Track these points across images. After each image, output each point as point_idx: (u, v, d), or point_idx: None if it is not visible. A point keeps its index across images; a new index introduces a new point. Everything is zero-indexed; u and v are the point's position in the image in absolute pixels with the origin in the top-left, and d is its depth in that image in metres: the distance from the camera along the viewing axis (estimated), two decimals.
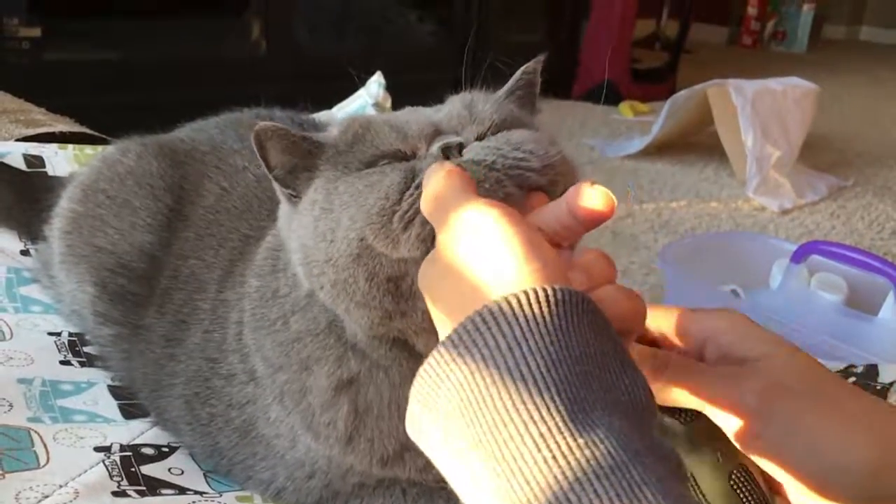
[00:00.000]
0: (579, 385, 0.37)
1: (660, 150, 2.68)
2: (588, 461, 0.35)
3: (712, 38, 5.58)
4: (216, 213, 0.79)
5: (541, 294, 0.39)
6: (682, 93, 2.46)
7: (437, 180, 0.48)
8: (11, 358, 0.83)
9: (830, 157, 2.87)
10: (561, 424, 0.36)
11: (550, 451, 0.35)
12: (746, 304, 1.43)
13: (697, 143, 2.80)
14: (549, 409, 0.36)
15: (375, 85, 1.43)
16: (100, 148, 1.19)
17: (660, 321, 0.54)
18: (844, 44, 6.27)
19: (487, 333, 0.39)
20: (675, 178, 2.53)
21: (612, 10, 3.40)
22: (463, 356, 0.39)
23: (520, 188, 0.52)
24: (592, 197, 0.46)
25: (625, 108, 3.28)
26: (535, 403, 0.36)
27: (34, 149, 1.16)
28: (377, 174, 0.54)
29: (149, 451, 0.74)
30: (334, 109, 1.38)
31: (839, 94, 3.91)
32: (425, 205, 0.48)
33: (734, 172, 2.50)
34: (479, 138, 0.56)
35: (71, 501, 0.65)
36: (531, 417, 0.36)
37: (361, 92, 1.44)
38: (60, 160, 1.15)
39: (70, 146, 1.20)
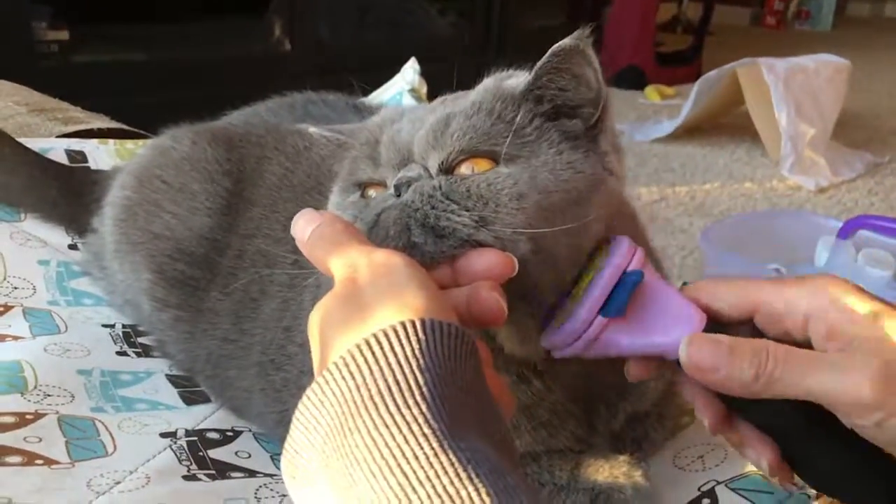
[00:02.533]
0: (449, 407, 0.38)
1: (689, 132, 2.66)
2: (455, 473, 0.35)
3: (735, 19, 5.53)
4: (280, 191, 0.79)
5: (418, 325, 0.40)
6: (712, 73, 2.43)
7: (321, 227, 0.48)
8: (68, 350, 0.82)
9: (864, 134, 2.82)
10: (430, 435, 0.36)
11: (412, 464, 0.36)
12: None
13: (727, 124, 2.77)
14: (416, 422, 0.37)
15: (411, 71, 1.42)
16: (140, 142, 1.19)
17: (752, 296, 0.52)
18: (869, 21, 6.18)
19: (363, 362, 0.39)
20: (706, 160, 2.50)
21: None
22: (342, 381, 0.39)
23: (440, 238, 0.49)
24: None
25: (651, 91, 3.26)
26: (402, 418, 0.37)
27: (76, 144, 1.16)
28: (343, 205, 0.56)
29: (214, 435, 0.73)
30: (371, 96, 1.37)
31: (868, 71, 3.86)
32: (307, 247, 0.48)
33: (767, 152, 2.47)
34: (442, 168, 0.53)
35: (143, 487, 0.64)
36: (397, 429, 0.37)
37: (397, 78, 1.43)
38: (102, 154, 1.15)
39: (111, 141, 1.19)
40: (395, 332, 0.40)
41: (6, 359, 0.77)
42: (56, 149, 1.12)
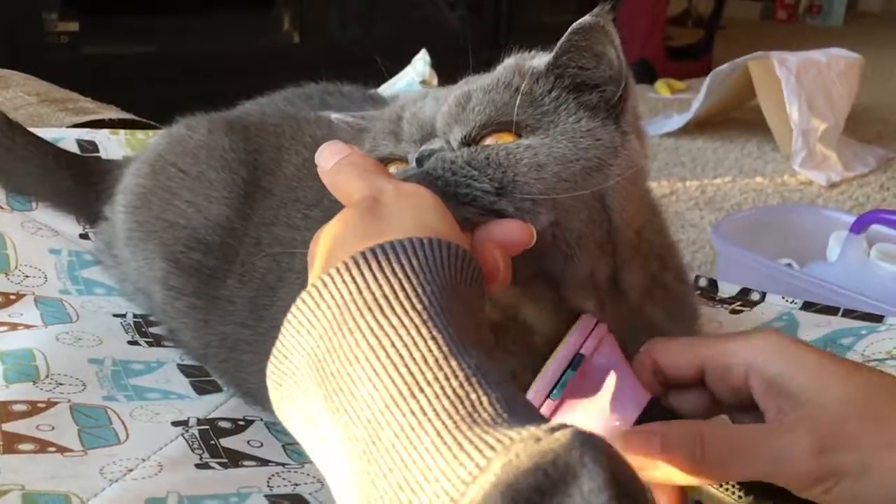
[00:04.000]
0: (454, 320, 0.38)
1: (700, 126, 2.64)
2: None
3: (745, 13, 5.49)
4: (300, 181, 0.78)
5: (427, 243, 0.40)
6: (723, 67, 2.41)
7: (351, 156, 0.49)
8: (80, 339, 0.82)
9: (876, 129, 2.80)
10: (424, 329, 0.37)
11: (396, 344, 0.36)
12: (805, 277, 1.40)
13: (738, 118, 2.75)
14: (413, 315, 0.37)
15: (421, 63, 1.42)
16: (151, 133, 1.19)
17: (697, 353, 0.51)
18: (881, 16, 6.13)
19: (367, 268, 0.39)
20: (717, 154, 2.49)
21: None
22: (342, 285, 0.39)
23: (462, 204, 0.49)
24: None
25: (661, 85, 3.24)
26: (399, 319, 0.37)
27: (87, 134, 1.16)
28: None
29: (226, 424, 0.73)
30: (382, 88, 1.36)
31: (880, 66, 3.83)
32: (330, 174, 0.49)
33: (778, 147, 2.45)
34: (465, 141, 0.53)
35: (156, 474, 0.64)
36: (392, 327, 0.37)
37: (408, 70, 1.43)
38: (113, 145, 1.15)
39: (121, 131, 1.19)
40: (404, 245, 0.40)
41: (18, 347, 0.77)
42: (67, 139, 1.12)
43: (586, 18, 0.53)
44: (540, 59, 0.57)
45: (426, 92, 0.60)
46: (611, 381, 0.51)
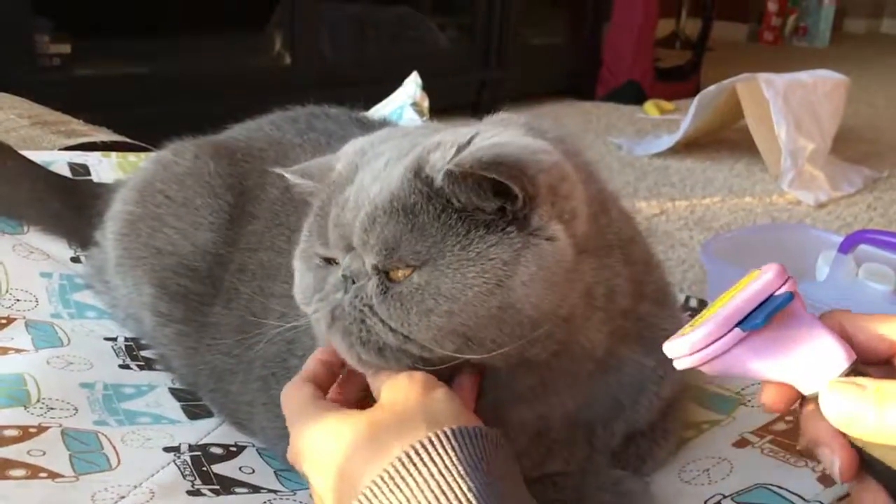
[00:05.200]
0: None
1: (688, 147, 2.66)
2: None
3: (732, 35, 5.56)
4: (283, 205, 0.79)
5: (449, 434, 0.46)
6: (711, 88, 2.43)
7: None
8: (71, 363, 0.82)
9: (863, 149, 2.83)
10: None
11: None
12: None
13: (726, 139, 2.77)
14: None
15: (413, 85, 1.43)
16: (142, 155, 1.19)
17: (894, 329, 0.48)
18: (866, 37, 6.22)
19: (407, 474, 0.44)
20: (706, 174, 2.50)
21: (635, 11, 3.39)
22: (390, 493, 0.44)
23: (380, 351, 0.53)
24: None
25: (650, 106, 3.26)
26: None
27: (78, 157, 1.16)
28: (306, 266, 0.59)
29: (217, 450, 0.73)
30: (373, 110, 1.37)
31: (865, 86, 3.88)
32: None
33: (767, 167, 2.47)
34: (376, 269, 0.53)
35: (147, 502, 0.64)
36: None
37: (399, 92, 1.44)
38: (105, 168, 1.15)
39: (113, 154, 1.20)
40: (431, 443, 0.44)
41: (9, 372, 0.77)
42: (59, 162, 1.12)
43: (458, 160, 0.50)
44: (441, 156, 0.53)
45: (355, 165, 0.58)
46: (812, 331, 0.48)
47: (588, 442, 0.63)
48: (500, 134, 0.54)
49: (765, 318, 0.47)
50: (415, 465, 0.44)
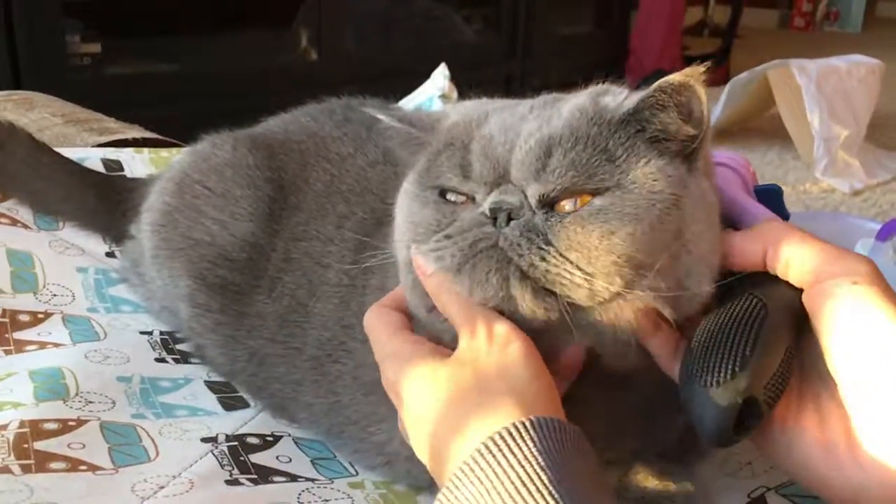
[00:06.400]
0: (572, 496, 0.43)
1: (719, 136, 2.63)
2: None
3: (762, 22, 5.47)
4: (329, 196, 0.79)
5: (528, 425, 0.45)
6: (742, 76, 2.40)
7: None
8: (108, 357, 0.83)
9: None
10: None
11: None
12: None
13: (757, 127, 2.74)
14: None
15: (441, 77, 1.42)
16: (174, 151, 1.20)
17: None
18: None
19: (486, 465, 0.44)
20: None
21: None
22: (471, 485, 0.44)
23: (538, 295, 0.50)
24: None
25: None
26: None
27: (111, 153, 1.17)
28: (422, 201, 0.56)
29: (254, 440, 0.73)
30: (401, 103, 1.37)
31: None
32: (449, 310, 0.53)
33: (800, 155, 2.44)
34: (542, 201, 0.52)
35: (187, 492, 0.64)
36: None
37: (427, 84, 1.43)
38: (138, 163, 1.16)
39: (145, 150, 1.20)
40: (510, 434, 0.44)
41: (48, 366, 0.78)
42: (92, 158, 1.13)
43: (676, 77, 0.52)
44: (614, 98, 0.56)
45: (485, 110, 0.58)
46: None
47: (645, 434, 0.61)
48: None
49: None
50: (494, 456, 0.44)
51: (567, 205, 0.52)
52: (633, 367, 0.55)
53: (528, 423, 0.45)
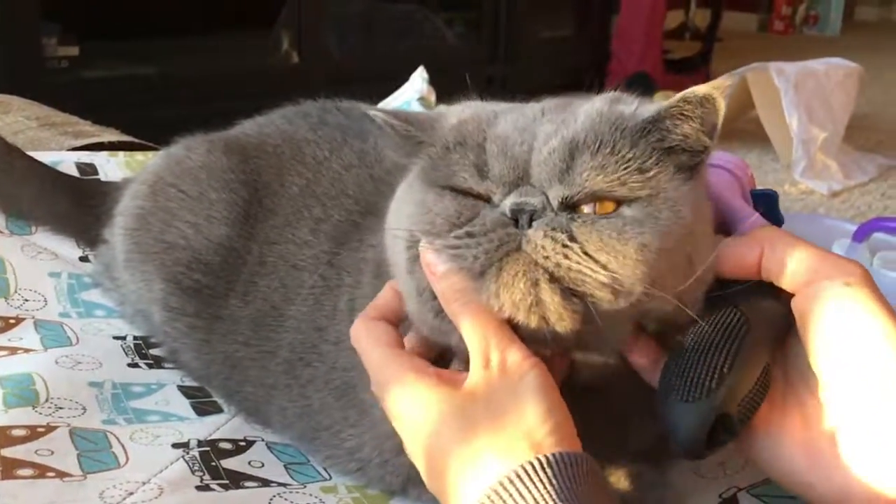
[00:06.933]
0: None
1: None
2: None
3: (742, 25, 5.52)
4: (305, 199, 0.79)
5: (545, 462, 0.45)
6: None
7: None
8: (80, 362, 0.82)
9: (876, 138, 2.81)
10: None
11: None
12: None
13: (738, 129, 2.76)
14: None
15: (419, 79, 1.42)
16: (150, 154, 1.19)
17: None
18: (878, 25, 6.16)
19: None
20: None
21: (643, 2, 3.38)
22: None
23: (567, 299, 0.49)
24: None
25: (660, 98, 3.23)
26: None
27: (86, 157, 1.16)
28: (436, 193, 0.54)
29: (226, 445, 0.73)
30: (380, 106, 1.36)
31: (878, 74, 3.83)
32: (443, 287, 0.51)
33: (779, 157, 2.46)
34: (565, 204, 0.51)
35: (156, 498, 0.63)
36: None
37: (406, 87, 1.43)
38: (112, 167, 1.15)
39: (120, 153, 1.20)
40: (526, 471, 0.45)
41: (18, 371, 0.77)
42: (66, 161, 1.12)
43: (702, 88, 0.52)
44: (628, 107, 0.55)
45: (492, 110, 0.57)
46: None
47: (620, 436, 0.61)
48: None
49: None
50: (511, 495, 0.44)
51: (586, 208, 0.51)
52: (611, 375, 0.55)
53: (543, 461, 0.45)
